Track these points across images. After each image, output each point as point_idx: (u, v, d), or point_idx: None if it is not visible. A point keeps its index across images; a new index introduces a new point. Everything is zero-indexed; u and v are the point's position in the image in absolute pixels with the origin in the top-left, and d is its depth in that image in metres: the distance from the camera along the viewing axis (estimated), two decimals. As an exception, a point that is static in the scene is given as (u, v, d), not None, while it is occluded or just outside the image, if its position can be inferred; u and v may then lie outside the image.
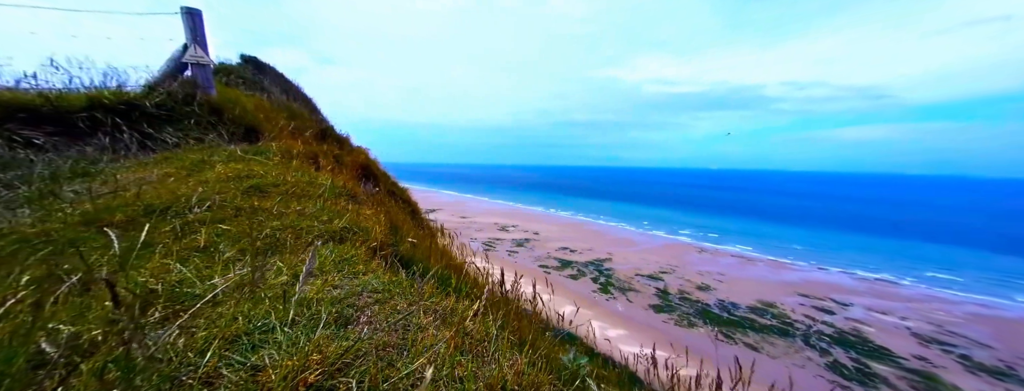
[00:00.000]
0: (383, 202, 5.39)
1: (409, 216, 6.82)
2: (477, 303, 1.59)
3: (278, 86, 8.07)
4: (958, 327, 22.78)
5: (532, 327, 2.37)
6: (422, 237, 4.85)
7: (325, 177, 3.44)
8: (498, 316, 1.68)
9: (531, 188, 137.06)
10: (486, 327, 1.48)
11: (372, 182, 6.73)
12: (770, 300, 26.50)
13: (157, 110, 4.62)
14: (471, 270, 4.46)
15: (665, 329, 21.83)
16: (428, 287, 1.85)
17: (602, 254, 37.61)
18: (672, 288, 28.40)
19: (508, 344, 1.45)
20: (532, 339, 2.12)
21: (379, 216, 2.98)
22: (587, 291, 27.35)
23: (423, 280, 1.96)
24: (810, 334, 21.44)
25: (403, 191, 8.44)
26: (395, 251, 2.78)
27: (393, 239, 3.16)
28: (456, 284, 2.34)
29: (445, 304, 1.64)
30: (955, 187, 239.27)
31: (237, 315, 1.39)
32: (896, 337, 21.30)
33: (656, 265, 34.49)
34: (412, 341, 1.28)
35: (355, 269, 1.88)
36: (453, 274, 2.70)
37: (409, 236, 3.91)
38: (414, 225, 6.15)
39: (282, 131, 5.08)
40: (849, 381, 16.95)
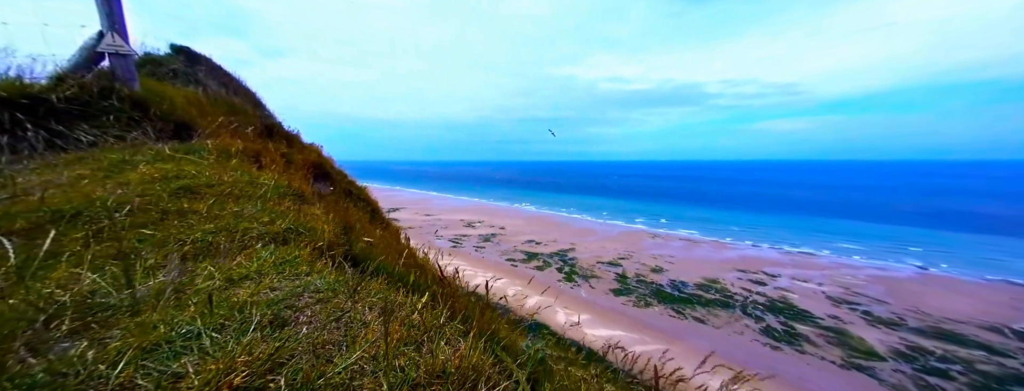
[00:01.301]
0: (337, 202, 5.11)
1: (368, 215, 6.53)
2: (425, 296, 1.55)
3: (215, 79, 7.31)
4: (861, 289, 26.11)
5: (489, 316, 2.37)
6: (380, 236, 4.67)
7: (268, 176, 3.18)
8: (445, 308, 1.65)
9: (496, 184, 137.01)
10: (433, 319, 1.44)
11: (326, 181, 6.36)
12: (713, 277, 28.69)
13: (68, 105, 4.02)
14: (433, 266, 4.38)
15: (625, 311, 22.94)
16: (375, 284, 1.78)
17: (566, 245, 38.59)
18: (630, 272, 29.82)
19: (457, 333, 1.43)
20: (484, 327, 2.12)
21: (329, 216, 2.81)
22: (553, 280, 27.97)
23: (372, 277, 1.89)
24: (747, 304, 23.53)
25: (361, 190, 8.06)
26: (347, 251, 2.64)
27: (346, 239, 3.01)
28: (412, 280, 2.27)
29: (393, 299, 1.58)
30: (860, 170, 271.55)
31: (157, 323, 1.25)
32: (814, 301, 23.99)
33: (615, 252, 36.01)
34: (353, 337, 1.22)
35: (297, 270, 1.76)
36: (409, 270, 2.63)
37: (365, 235, 3.75)
38: (373, 224, 5.91)
39: (220, 128, 4.62)
40: (779, 342, 18.87)
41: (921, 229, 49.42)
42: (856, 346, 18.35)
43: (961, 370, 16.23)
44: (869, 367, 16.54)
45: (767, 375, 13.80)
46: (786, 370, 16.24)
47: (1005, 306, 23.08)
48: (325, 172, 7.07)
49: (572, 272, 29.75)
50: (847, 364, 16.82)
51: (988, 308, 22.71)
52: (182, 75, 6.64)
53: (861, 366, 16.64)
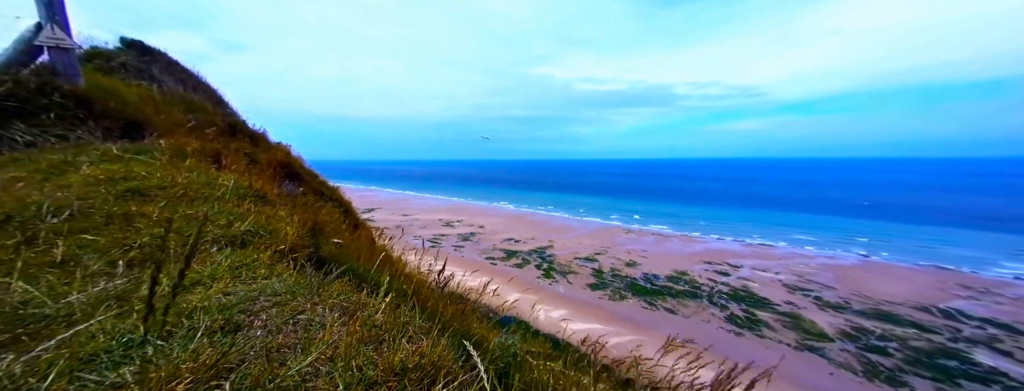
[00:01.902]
0: (306, 203, 4.93)
1: (340, 216, 6.33)
2: (389, 295, 1.53)
3: (172, 75, 6.82)
4: (813, 276, 28.00)
5: (458, 313, 2.36)
6: (352, 237, 4.54)
7: (228, 177, 3.02)
8: (411, 306, 1.64)
9: (475, 183, 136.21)
10: (396, 317, 1.43)
11: (295, 182, 6.11)
12: (683, 269, 29.87)
13: (1, 102, 3.65)
14: (408, 266, 4.31)
15: (601, 304, 23.47)
16: (339, 285, 1.74)
17: (544, 242, 38.96)
18: (605, 267, 30.53)
19: (422, 330, 1.43)
20: (454, 324, 2.12)
21: (293, 218, 2.70)
22: (532, 277, 28.18)
23: (337, 279, 1.84)
24: (713, 294, 24.68)
25: (333, 190, 7.81)
26: (313, 253, 2.56)
27: (312, 241, 2.91)
28: (382, 280, 2.23)
29: (356, 300, 1.55)
30: (813, 167, 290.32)
31: (97, 333, 1.17)
32: (772, 288, 25.50)
33: (591, 248, 36.73)
34: (311, 339, 1.19)
35: (255, 274, 1.69)
36: (379, 271, 2.58)
37: (335, 237, 3.64)
38: (346, 226, 5.73)
39: (175, 126, 4.34)
40: (742, 328, 19.92)
41: (866, 220, 53.54)
42: (808, 329, 19.67)
43: (897, 347, 17.76)
44: (820, 348, 17.79)
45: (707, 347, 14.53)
46: (748, 355, 17.16)
47: (933, 288, 25.43)
48: (294, 172, 6.79)
49: (550, 269, 30.10)
50: (801, 346, 18.01)
51: (919, 290, 24.94)
52: (134, 70, 6.16)
53: (813, 347, 17.86)
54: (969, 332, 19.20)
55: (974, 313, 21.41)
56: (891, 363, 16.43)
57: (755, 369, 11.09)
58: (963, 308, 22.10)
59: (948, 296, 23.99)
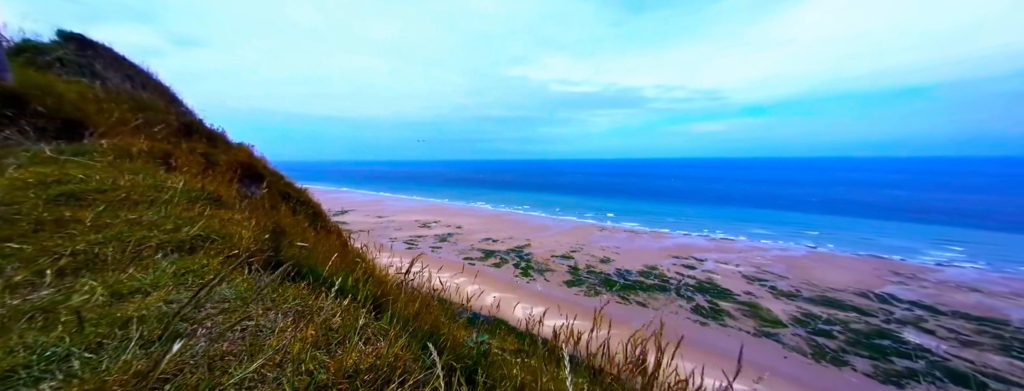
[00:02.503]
0: (269, 205, 4.70)
1: (308, 219, 6.07)
2: (347, 298, 1.50)
3: (118, 71, 6.26)
4: (769, 267, 29.85)
5: (425, 312, 2.34)
6: (319, 240, 4.37)
7: (178, 179, 2.83)
8: (373, 307, 1.60)
9: (452, 183, 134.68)
10: (354, 320, 1.40)
11: (258, 183, 5.80)
12: (653, 264, 30.95)
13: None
14: (378, 268, 4.21)
15: (577, 300, 23.87)
16: (294, 290, 1.67)
17: (522, 241, 39.14)
18: (581, 264, 31.08)
19: (381, 332, 1.40)
20: (422, 324, 2.10)
21: (251, 221, 2.57)
22: (510, 277, 28.24)
23: (295, 283, 1.77)
24: (680, 287, 25.74)
25: (301, 192, 7.48)
26: (272, 257, 2.45)
27: (272, 245, 2.78)
28: (347, 283, 2.17)
29: (312, 304, 1.50)
30: (769, 166, 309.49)
31: (16, 347, 1.07)
32: (733, 280, 26.94)
33: (567, 246, 37.28)
34: (260, 346, 1.14)
35: (204, 280, 1.60)
36: (345, 274, 2.50)
37: (299, 240, 3.49)
38: (314, 228, 5.50)
39: (121, 126, 4.00)
40: (706, 318, 20.91)
41: (814, 215, 57.69)
42: (765, 316, 20.95)
43: (840, 330, 19.27)
44: (775, 333, 18.99)
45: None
46: (713, 342, 18.06)
47: (871, 275, 27.80)
48: (256, 173, 6.44)
49: (528, 267, 30.27)
50: (759, 333, 19.14)
51: (859, 278, 27.19)
52: (73, 66, 5.61)
53: (769, 333, 19.04)
54: (900, 314, 21.15)
55: (904, 297, 23.61)
56: (835, 345, 17.81)
57: (720, 356, 11.60)
58: (895, 293, 24.30)
59: (883, 282, 26.30)
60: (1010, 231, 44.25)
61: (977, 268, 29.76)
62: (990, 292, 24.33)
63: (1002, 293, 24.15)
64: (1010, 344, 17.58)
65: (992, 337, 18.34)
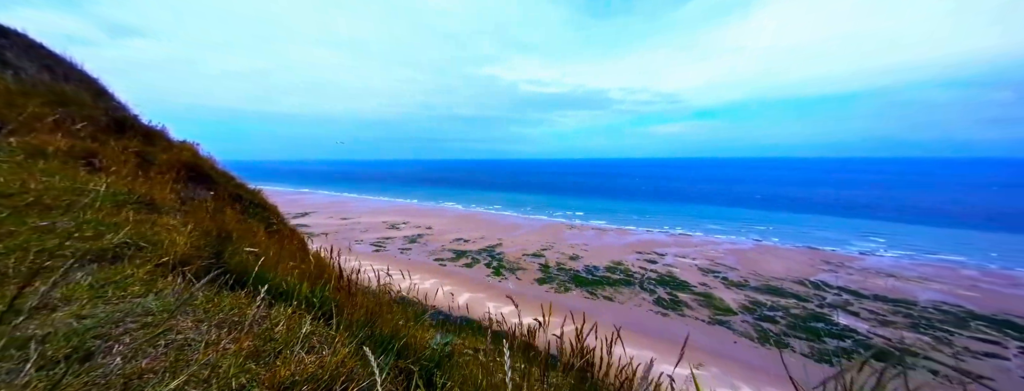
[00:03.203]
0: (217, 208, 4.33)
1: (262, 222, 5.66)
2: (294, 305, 1.40)
3: (33, 61, 5.47)
4: (721, 259, 31.99)
5: (386, 317, 2.25)
6: (273, 245, 4.09)
7: (102, 181, 2.52)
8: (323, 314, 1.51)
9: (421, 183, 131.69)
10: (296, 329, 1.31)
11: (203, 185, 5.33)
12: (618, 259, 32.09)
13: None
14: (339, 272, 4.00)
15: (548, 297, 24.19)
16: (231, 299, 1.54)
17: (493, 241, 39.05)
18: (551, 262, 31.56)
19: (328, 339, 1.32)
20: (378, 328, 2.01)
21: (188, 226, 2.34)
22: (482, 276, 28.06)
23: (237, 292, 1.63)
24: (644, 281, 26.90)
25: (254, 194, 6.97)
26: (214, 264, 2.25)
27: (215, 250, 2.56)
28: (301, 291, 2.03)
29: (252, 313, 1.39)
30: (721, 166, 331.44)
31: None
32: (690, 272, 28.60)
33: (538, 244, 37.71)
34: (186, 361, 1.03)
35: (127, 292, 1.43)
36: (297, 279, 2.35)
37: (249, 245, 3.23)
38: (269, 232, 5.13)
39: (34, 121, 3.51)
40: (667, 310, 22.01)
41: (761, 211, 62.58)
42: (718, 305, 22.43)
43: (782, 315, 21.06)
44: (726, 321, 20.38)
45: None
46: (673, 331, 19.05)
47: (807, 265, 30.62)
48: (202, 174, 5.92)
49: (500, 266, 30.26)
50: (713, 321, 20.45)
51: (798, 267, 29.86)
52: (-29, 51, 4.83)
53: (721, 321, 20.40)
54: (830, 299, 23.48)
55: (834, 283, 26.24)
56: (777, 329, 19.44)
57: (678, 344, 12.18)
58: (826, 280, 26.95)
59: (817, 270, 29.07)
60: (923, 224, 50.62)
61: (893, 256, 33.72)
62: (903, 277, 27.66)
63: (912, 277, 27.55)
64: (918, 322, 20.10)
65: (904, 316, 20.86)
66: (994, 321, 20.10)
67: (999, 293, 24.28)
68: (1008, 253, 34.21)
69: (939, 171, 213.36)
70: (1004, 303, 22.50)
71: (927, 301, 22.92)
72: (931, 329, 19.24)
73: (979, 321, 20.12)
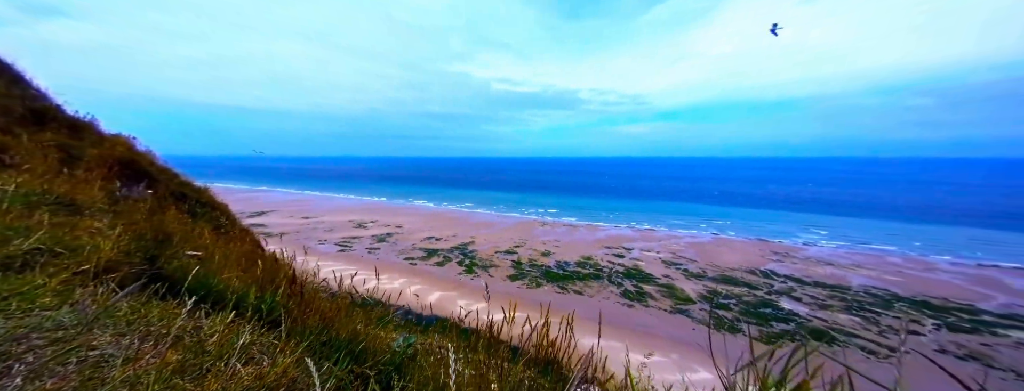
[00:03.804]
0: (156, 208, 3.96)
1: (210, 223, 5.24)
2: (231, 314, 1.31)
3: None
4: (682, 252, 33.82)
5: (344, 321, 2.16)
6: (221, 247, 3.79)
7: (11, 179, 2.22)
8: (269, 321, 1.43)
9: (390, 181, 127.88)
10: (234, 338, 1.23)
11: (141, 183, 4.85)
12: (588, 255, 32.97)
13: None
14: (295, 275, 3.80)
15: (520, 293, 24.41)
16: (160, 308, 1.42)
17: (466, 238, 38.72)
18: (524, 258, 31.82)
19: (273, 348, 1.25)
20: (334, 333, 1.94)
21: (117, 229, 2.12)
22: (454, 274, 27.77)
23: (169, 301, 1.50)
24: (612, 274, 27.85)
25: (200, 192, 6.44)
26: (146, 271, 2.05)
27: (152, 255, 2.34)
28: (241, 296, 1.90)
29: (185, 324, 1.28)
30: (683, 165, 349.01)
31: None
32: (654, 265, 30.00)
33: (511, 241, 37.87)
34: (102, 380, 0.93)
35: (37, 303, 1.27)
36: (245, 284, 2.20)
37: (192, 248, 2.99)
38: (219, 233, 4.76)
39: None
40: (633, 301, 22.96)
41: (718, 206, 66.74)
42: (679, 296, 23.72)
43: (735, 303, 22.66)
44: (686, 309, 21.62)
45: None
46: (638, 321, 19.91)
47: (757, 256, 33.09)
48: (140, 171, 5.38)
49: (472, 264, 30.09)
50: (674, 310, 21.61)
51: (749, 258, 32.19)
52: None
53: (682, 310, 21.60)
54: (777, 286, 25.56)
55: (781, 272, 28.57)
56: (731, 315, 20.90)
57: (643, 333, 12.70)
58: (774, 269, 29.28)
59: (766, 261, 31.50)
60: (857, 216, 56.24)
61: (831, 246, 37.22)
62: (839, 265, 30.64)
63: (847, 265, 30.59)
64: (851, 305, 22.37)
65: (839, 300, 23.13)
66: (913, 302, 22.82)
67: (918, 277, 27.58)
68: (929, 242, 38.91)
69: (872, 169, 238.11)
70: (922, 286, 25.60)
71: (859, 286, 25.57)
72: (862, 311, 21.50)
73: (902, 302, 22.77)
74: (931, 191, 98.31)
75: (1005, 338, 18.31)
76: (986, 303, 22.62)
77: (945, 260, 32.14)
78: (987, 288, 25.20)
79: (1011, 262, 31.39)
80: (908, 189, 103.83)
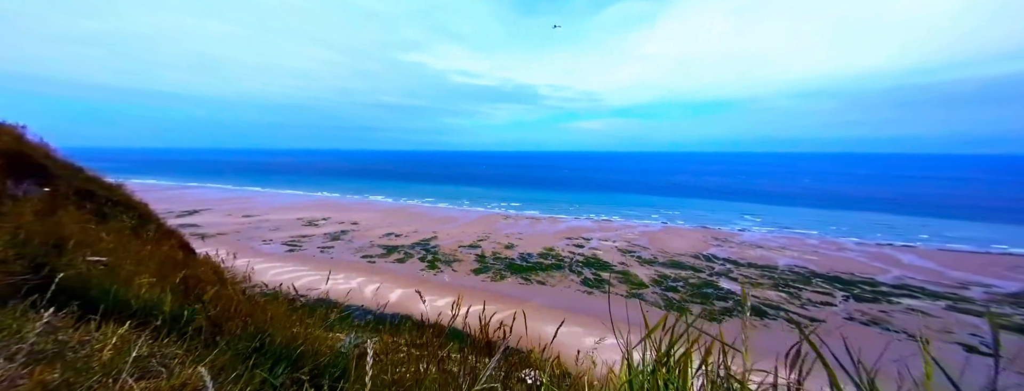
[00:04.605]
0: (51, 208, 3.35)
1: (124, 224, 4.54)
2: (125, 325, 1.11)
3: None
4: (636, 240, 35.95)
5: (281, 325, 1.97)
6: (133, 250, 3.30)
7: None
8: (181, 331, 1.24)
9: (344, 175, 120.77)
10: (128, 351, 1.05)
11: (34, 179, 4.07)
12: (550, 246, 33.81)
13: None
14: (229, 277, 3.43)
15: (484, 286, 24.42)
16: (40, 323, 1.18)
17: (427, 234, 37.81)
18: (487, 252, 31.82)
19: (178, 359, 1.09)
20: (269, 338, 1.76)
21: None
22: (416, 270, 27.06)
23: (56, 312, 1.25)
24: (572, 264, 28.85)
25: (111, 189, 5.57)
26: (29, 280, 1.71)
27: (38, 262, 1.96)
28: (152, 305, 1.65)
29: (70, 337, 1.07)
30: (634, 159, 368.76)
31: None
32: (611, 254, 31.58)
33: (474, 235, 37.64)
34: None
35: None
36: (158, 291, 1.92)
37: (95, 253, 2.55)
38: (136, 235, 4.13)
39: None
40: (592, 288, 24.01)
41: (666, 197, 71.65)
42: (634, 281, 25.23)
43: (682, 285, 24.61)
44: (640, 293, 23.08)
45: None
46: (597, 308, 20.87)
47: (701, 241, 36.12)
48: (32, 165, 4.51)
49: (435, 259, 29.52)
50: (630, 294, 22.97)
51: (694, 244, 35.05)
52: None
53: (637, 294, 23.03)
54: (718, 268, 28.16)
55: (720, 255, 31.47)
56: (679, 297, 22.70)
57: (601, 318, 13.29)
58: (715, 253, 32.18)
59: (708, 246, 34.50)
60: (783, 204, 63.25)
61: (763, 232, 41.62)
62: (768, 247, 34.39)
63: (775, 247, 34.43)
64: (779, 282, 25.27)
65: (769, 278, 26.03)
66: (827, 278, 26.31)
67: (832, 256, 31.80)
68: (839, 225, 44.91)
69: (792, 163, 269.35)
70: (834, 264, 29.57)
71: (784, 266, 28.95)
72: (787, 287, 24.40)
73: (818, 278, 26.16)
74: (838, 181, 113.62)
75: (898, 305, 21.85)
76: (883, 276, 26.79)
77: (852, 241, 37.45)
78: (884, 263, 29.84)
79: (901, 241, 37.42)
80: (819, 180, 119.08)
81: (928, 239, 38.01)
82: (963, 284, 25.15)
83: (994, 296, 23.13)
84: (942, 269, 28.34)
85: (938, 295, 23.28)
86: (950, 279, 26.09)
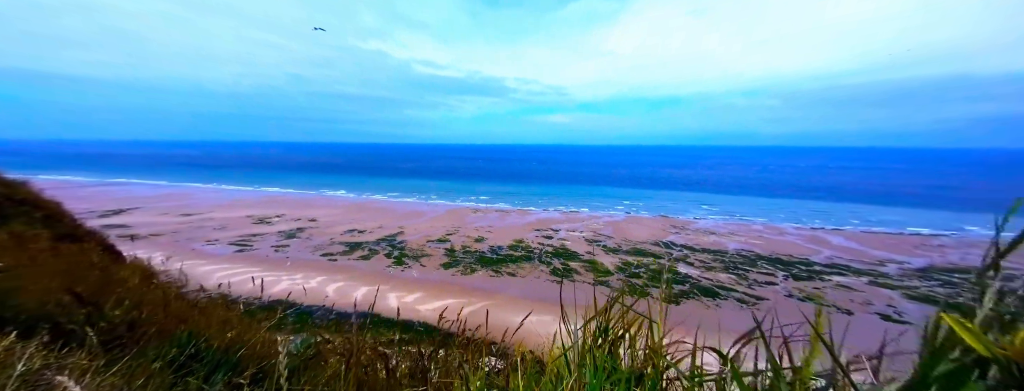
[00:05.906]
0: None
1: (26, 226, 3.90)
2: (35, 339, 0.95)
3: None
4: (601, 230, 37.34)
5: (219, 327, 1.80)
6: (37, 254, 2.85)
7: None
8: (36, 341, 1.08)
9: (300, 169, 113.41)
10: (13, 365, 0.89)
11: None
12: (520, 238, 34.15)
13: None
14: (166, 280, 3.08)
15: (454, 281, 24.19)
16: None
17: (393, 229, 36.63)
18: (457, 246, 31.48)
19: (88, 370, 0.95)
20: (206, 344, 1.60)
21: None
22: (382, 267, 26.18)
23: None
24: (541, 255, 29.40)
25: (13, 187, 4.77)
26: None
27: None
28: (58, 315, 1.42)
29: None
30: (599, 152, 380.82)
31: None
32: (579, 244, 32.58)
33: (443, 229, 37.04)
34: None
35: None
36: (66, 298, 1.66)
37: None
38: (34, 237, 3.56)
39: None
40: (561, 277, 24.67)
41: (629, 189, 74.86)
42: (600, 269, 26.27)
43: (643, 271, 26.02)
44: (606, 281, 24.09)
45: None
46: (567, 296, 21.48)
47: (661, 230, 38.28)
48: None
49: (402, 255, 28.73)
50: (597, 282, 23.89)
51: (655, 233, 37.07)
52: None
53: (603, 281, 24.01)
54: (676, 254, 30.04)
55: (678, 242, 33.58)
56: (642, 282, 23.99)
57: (568, 307, 13.44)
58: (673, 240, 34.28)
59: (667, 233, 36.65)
60: (733, 194, 68.38)
61: (715, 219, 44.85)
62: (720, 234, 37.16)
63: (726, 233, 37.27)
64: (729, 265, 27.46)
65: (720, 262, 28.20)
66: (770, 260, 28.97)
67: (774, 240, 34.99)
68: (784, 213, 49.42)
69: (740, 156, 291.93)
70: (776, 247, 32.58)
71: (734, 250, 31.48)
72: (736, 269, 26.59)
73: (762, 260, 28.74)
74: (781, 172, 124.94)
75: (829, 282, 24.60)
76: (816, 256, 30.00)
77: (791, 226, 41.47)
78: (817, 245, 33.38)
79: (831, 225, 42.03)
80: (764, 171, 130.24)
81: (858, 224, 43.05)
82: (881, 261, 28.88)
83: (905, 271, 26.85)
84: (864, 248, 32.33)
85: (861, 271, 26.56)
86: (871, 257, 29.84)
